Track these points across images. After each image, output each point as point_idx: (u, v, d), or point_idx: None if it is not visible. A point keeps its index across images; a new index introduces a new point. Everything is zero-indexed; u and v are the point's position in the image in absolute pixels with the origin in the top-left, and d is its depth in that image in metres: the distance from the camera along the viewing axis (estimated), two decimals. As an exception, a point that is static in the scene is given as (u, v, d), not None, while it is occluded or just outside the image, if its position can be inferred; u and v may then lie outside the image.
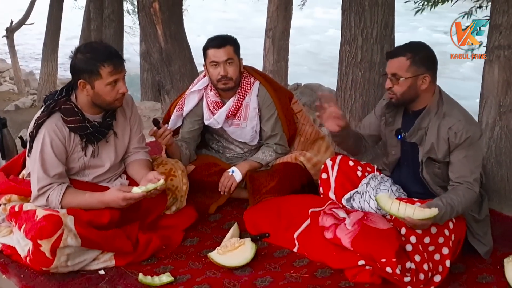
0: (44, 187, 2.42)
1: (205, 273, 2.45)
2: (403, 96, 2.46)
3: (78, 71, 2.43)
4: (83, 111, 2.49)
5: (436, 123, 2.45)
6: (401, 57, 2.43)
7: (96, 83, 2.42)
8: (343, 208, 2.64)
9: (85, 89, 2.44)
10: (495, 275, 2.47)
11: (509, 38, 3.13)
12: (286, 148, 3.17)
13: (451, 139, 2.41)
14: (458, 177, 2.42)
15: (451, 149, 2.43)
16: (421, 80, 2.43)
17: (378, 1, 3.64)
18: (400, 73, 2.42)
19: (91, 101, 2.48)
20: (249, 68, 3.15)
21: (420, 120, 2.48)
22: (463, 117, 2.43)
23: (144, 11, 4.88)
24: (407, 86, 2.43)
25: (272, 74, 7.53)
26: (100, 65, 2.39)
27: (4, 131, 3.69)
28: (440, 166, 2.49)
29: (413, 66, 2.41)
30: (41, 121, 2.44)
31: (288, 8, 7.90)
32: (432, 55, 2.48)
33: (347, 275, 2.41)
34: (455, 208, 2.34)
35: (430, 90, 2.48)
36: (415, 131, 2.51)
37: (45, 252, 2.31)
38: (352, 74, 3.75)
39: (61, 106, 2.46)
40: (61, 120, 2.46)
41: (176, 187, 2.79)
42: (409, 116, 2.56)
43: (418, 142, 2.51)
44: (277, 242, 2.72)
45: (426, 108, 2.48)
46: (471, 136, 2.38)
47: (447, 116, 2.43)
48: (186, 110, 3.09)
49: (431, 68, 2.45)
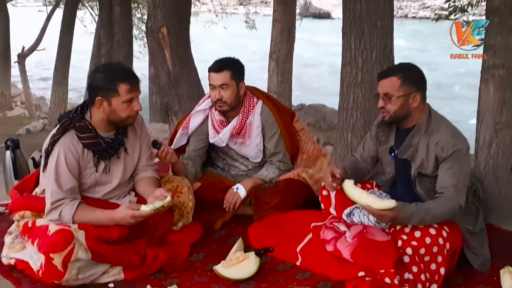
0: (57, 201, 2.54)
1: (211, 286, 2.53)
2: (396, 114, 2.57)
3: (97, 88, 2.57)
4: (97, 128, 2.62)
5: (426, 140, 2.56)
6: (392, 77, 2.56)
7: (113, 100, 2.55)
8: (344, 222, 2.73)
9: (102, 106, 2.57)
10: (492, 286, 2.54)
11: (503, 57, 3.24)
12: (289, 165, 3.28)
13: (438, 154, 2.52)
14: (440, 187, 2.53)
15: (439, 163, 2.53)
16: (412, 99, 2.55)
17: (377, 24, 3.73)
18: (392, 92, 2.54)
19: (106, 118, 2.60)
20: (253, 88, 3.27)
21: (410, 137, 2.60)
22: (450, 132, 2.54)
23: (153, 36, 5.05)
24: (399, 104, 2.55)
25: (276, 95, 7.70)
26: (119, 83, 2.54)
27: (17, 152, 3.83)
28: (431, 181, 2.59)
29: (404, 85, 2.53)
30: (57, 138, 2.57)
31: (291, 32, 8.12)
32: (422, 75, 2.61)
33: (348, 287, 2.48)
34: (430, 212, 2.44)
35: (421, 108, 2.59)
36: (406, 148, 2.61)
37: (57, 266, 2.40)
38: (353, 94, 3.83)
39: (76, 124, 2.59)
40: (76, 137, 2.59)
41: (183, 203, 2.90)
42: (401, 134, 2.67)
43: (410, 159, 2.62)
44: (280, 256, 2.80)
45: (416, 125, 2.59)
46: (457, 149, 2.49)
47: (435, 133, 2.55)
48: (191, 128, 3.21)
49: (421, 87, 2.58)
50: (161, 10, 4.94)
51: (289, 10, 8.41)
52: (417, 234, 2.46)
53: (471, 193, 2.81)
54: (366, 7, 3.70)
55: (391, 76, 2.57)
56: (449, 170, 2.51)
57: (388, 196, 2.80)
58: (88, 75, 2.66)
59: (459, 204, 2.50)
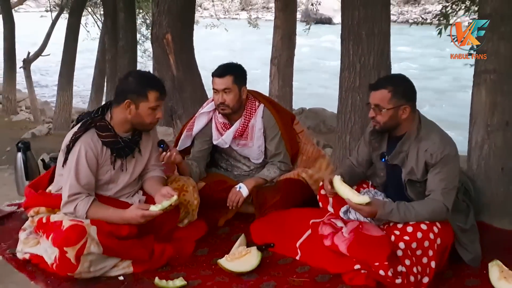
0: (74, 195, 2.69)
1: (215, 278, 2.68)
2: (386, 124, 2.72)
3: (127, 91, 2.74)
4: (115, 128, 2.78)
5: (416, 147, 2.70)
6: (383, 89, 2.69)
7: (141, 105, 2.73)
8: (341, 219, 2.88)
9: (130, 108, 2.74)
10: (481, 279, 2.67)
11: (494, 63, 3.37)
12: (289, 165, 3.43)
13: (428, 160, 2.66)
14: (429, 190, 2.68)
15: (429, 168, 2.68)
16: (402, 111, 2.69)
17: (374, 31, 3.86)
18: (383, 105, 2.68)
19: (129, 120, 2.78)
20: (255, 92, 3.43)
21: (401, 144, 2.74)
22: (439, 139, 2.68)
23: (158, 42, 5.20)
24: (389, 116, 2.69)
25: (277, 99, 7.87)
26: (149, 90, 2.73)
27: (28, 153, 3.98)
28: (421, 185, 2.73)
29: (394, 98, 2.67)
30: (78, 135, 2.73)
31: (292, 37, 8.30)
32: (412, 88, 2.74)
33: (344, 279, 2.63)
34: (412, 210, 2.61)
35: (411, 118, 2.73)
36: (396, 154, 2.76)
37: (71, 259, 2.55)
38: (351, 98, 3.97)
39: (97, 123, 2.76)
40: (96, 135, 2.75)
41: (188, 201, 3.05)
42: (393, 141, 2.81)
43: (400, 164, 2.76)
44: (281, 251, 2.95)
45: (406, 133, 2.74)
46: (445, 155, 2.63)
47: (424, 140, 2.69)
48: (195, 130, 3.36)
49: (411, 100, 2.71)
50: (166, 17, 5.08)
51: (289, 17, 8.60)
52: (409, 229, 2.61)
53: (461, 192, 2.94)
54: (364, 14, 3.84)
55: (382, 88, 2.70)
56: (438, 174, 2.65)
57: (382, 195, 2.95)
58: (119, 78, 2.82)
59: (445, 206, 2.63)
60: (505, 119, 3.41)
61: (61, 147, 2.83)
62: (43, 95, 16.54)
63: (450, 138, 2.77)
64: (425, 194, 2.71)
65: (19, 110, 12.17)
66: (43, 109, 12.78)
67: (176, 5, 5.10)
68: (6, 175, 4.45)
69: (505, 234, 3.23)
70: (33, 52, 11.96)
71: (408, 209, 2.63)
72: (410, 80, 2.79)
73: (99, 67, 10.55)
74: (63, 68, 10.22)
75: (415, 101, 2.76)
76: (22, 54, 12.02)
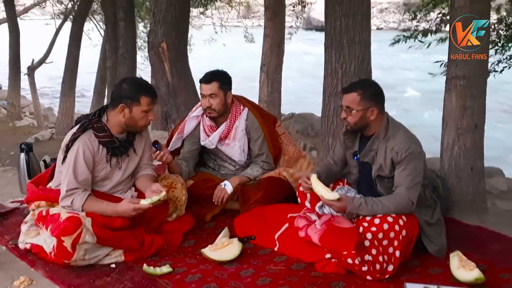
0: (71, 190, 2.94)
1: (199, 266, 2.92)
2: (356, 125, 2.98)
3: (122, 96, 3.00)
4: (111, 130, 3.04)
5: (384, 146, 2.95)
6: (353, 93, 2.95)
7: (134, 109, 2.99)
8: (316, 213, 3.13)
9: (123, 112, 2.99)
10: (443, 268, 2.90)
11: (464, 69, 3.61)
12: (272, 165, 3.68)
13: (394, 158, 2.91)
14: (395, 186, 2.92)
15: (395, 166, 2.92)
16: (370, 112, 2.94)
17: (355, 39, 4.10)
18: (353, 106, 2.94)
19: (124, 123, 3.03)
20: (240, 97, 3.69)
21: (370, 143, 2.99)
22: (404, 138, 2.92)
23: (154, 50, 5.45)
24: (359, 117, 2.94)
25: (266, 104, 8.16)
26: (142, 95, 2.99)
27: (31, 154, 4.26)
28: (389, 181, 2.98)
29: (363, 101, 2.92)
30: (77, 136, 2.99)
31: (281, 46, 8.59)
32: (380, 91, 3.00)
33: (317, 267, 2.88)
34: (379, 204, 2.85)
35: (379, 119, 2.98)
36: (366, 152, 3.02)
37: (67, 247, 2.80)
38: (333, 102, 4.21)
39: (94, 125, 3.02)
40: (93, 135, 3.00)
41: (177, 197, 3.31)
42: (364, 140, 3.06)
43: (371, 162, 3.02)
44: (261, 243, 3.19)
45: (375, 133, 2.99)
46: (409, 153, 2.87)
47: (391, 139, 2.94)
48: (186, 132, 3.63)
49: (379, 102, 2.97)
50: (161, 27, 5.34)
51: (278, 25, 8.91)
52: (377, 221, 2.84)
53: (429, 189, 3.18)
54: (345, 24, 4.08)
55: (352, 92, 2.96)
56: (403, 171, 2.90)
57: (354, 191, 3.19)
58: (114, 83, 3.08)
59: (410, 200, 2.87)
60: (474, 122, 3.65)
61: (61, 146, 3.09)
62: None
63: (415, 137, 3.01)
64: (392, 190, 2.96)
65: (23, 116, 12.40)
66: (46, 115, 13.06)
67: (171, 16, 5.35)
68: (10, 175, 4.72)
69: (472, 228, 3.47)
70: (37, 59, 12.23)
71: (376, 203, 2.87)
72: (378, 84, 3.05)
73: (100, 73, 10.80)
74: (66, 74, 10.47)
75: (383, 104, 3.01)
76: (27, 61, 12.30)
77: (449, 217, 3.54)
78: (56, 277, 2.82)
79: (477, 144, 3.69)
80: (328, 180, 3.24)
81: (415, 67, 22.87)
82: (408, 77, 22.57)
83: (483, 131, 3.72)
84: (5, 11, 11.85)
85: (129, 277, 2.84)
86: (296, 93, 18.14)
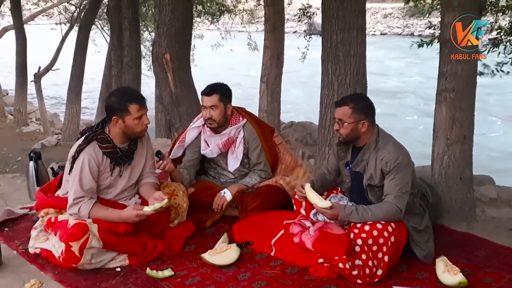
0: (78, 198, 3.12)
1: (199, 270, 3.10)
2: (348, 136, 3.15)
3: (112, 109, 3.17)
4: (114, 140, 3.21)
5: (374, 156, 3.12)
6: (345, 106, 3.12)
7: (126, 118, 3.15)
8: (310, 220, 3.30)
9: (118, 123, 3.17)
10: (430, 273, 3.06)
11: (453, 83, 3.78)
12: (269, 173, 3.85)
13: (383, 167, 3.08)
14: (385, 194, 3.09)
15: (385, 175, 3.09)
16: (361, 125, 3.11)
17: (350, 52, 4.24)
18: (344, 119, 3.11)
19: (122, 132, 3.20)
20: (239, 108, 3.86)
21: (362, 153, 3.16)
22: (393, 149, 3.09)
23: (157, 61, 5.64)
24: (350, 129, 3.12)
25: (266, 114, 8.39)
26: (129, 104, 3.15)
27: (39, 162, 4.42)
28: (379, 189, 3.14)
29: (354, 114, 3.09)
30: (82, 147, 3.17)
31: (280, 57, 8.83)
32: (370, 105, 3.18)
33: (310, 271, 3.05)
34: (369, 212, 3.01)
35: (369, 131, 3.15)
36: (358, 162, 3.18)
37: (75, 252, 2.98)
38: (330, 113, 4.34)
39: (98, 136, 3.19)
40: (97, 146, 3.18)
41: (178, 204, 3.48)
42: (356, 151, 3.23)
43: (362, 171, 3.18)
44: (258, 248, 3.36)
45: (366, 144, 3.16)
46: (398, 163, 3.04)
47: (381, 150, 3.11)
48: (187, 142, 3.81)
49: (369, 116, 3.14)
50: (165, 39, 5.52)
51: (278, 37, 9.17)
52: (367, 228, 3.01)
53: (418, 197, 3.34)
54: (341, 38, 4.23)
55: (344, 105, 3.13)
56: (392, 180, 3.06)
57: (347, 200, 3.36)
58: (105, 98, 3.25)
59: (398, 207, 3.03)
60: (463, 133, 3.82)
61: (68, 157, 3.27)
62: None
63: (404, 149, 3.17)
64: (382, 198, 3.12)
65: (29, 122, 12.63)
66: (52, 121, 13.28)
67: (174, 28, 5.53)
68: (19, 182, 4.89)
69: (459, 235, 3.63)
70: (42, 66, 12.46)
71: (366, 210, 3.04)
72: (369, 99, 3.23)
73: (105, 81, 11.01)
74: (72, 81, 10.68)
75: (374, 117, 3.18)
76: (32, 66, 12.51)
77: (438, 224, 3.70)
78: (64, 279, 3.00)
79: (466, 154, 3.86)
80: (323, 189, 3.42)
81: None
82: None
83: (472, 141, 3.89)
84: (12, 19, 12.08)
85: (133, 280, 3.01)
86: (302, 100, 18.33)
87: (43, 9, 15.02)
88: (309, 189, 3.17)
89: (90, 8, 10.82)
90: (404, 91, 21.23)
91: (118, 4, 8.65)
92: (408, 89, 21.58)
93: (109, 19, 9.51)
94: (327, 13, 4.29)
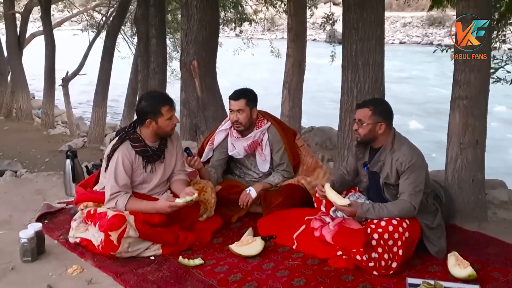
0: (114, 193, 3.40)
1: (226, 259, 3.35)
2: (365, 136, 3.38)
3: (145, 113, 3.43)
4: (145, 140, 3.49)
5: (390, 157, 3.34)
6: (365, 108, 3.36)
7: (159, 120, 3.42)
8: (330, 216, 3.54)
9: (151, 125, 3.43)
10: (442, 267, 3.26)
11: (466, 90, 3.98)
12: (291, 173, 4.11)
13: (398, 168, 3.30)
14: (400, 193, 3.31)
15: (400, 175, 3.31)
16: (379, 127, 3.34)
17: (369, 61, 4.49)
18: (364, 120, 3.35)
19: (154, 133, 3.47)
20: (264, 112, 4.13)
21: (379, 154, 3.39)
22: (408, 150, 3.31)
23: (185, 68, 5.92)
24: (368, 130, 3.35)
25: (288, 119, 8.65)
26: (162, 107, 3.41)
27: (75, 160, 4.71)
28: (395, 188, 3.36)
29: (373, 116, 3.33)
30: (116, 146, 3.45)
31: (302, 65, 9.11)
32: (389, 109, 3.41)
33: (330, 263, 3.28)
34: (385, 209, 3.22)
35: (386, 134, 3.37)
36: (375, 162, 3.41)
37: (113, 241, 3.25)
38: (349, 118, 4.57)
39: (130, 136, 3.47)
40: (130, 146, 3.46)
41: (207, 200, 3.75)
42: (373, 152, 3.46)
43: (379, 171, 3.41)
44: (281, 241, 3.60)
45: (383, 146, 3.39)
46: (412, 164, 3.25)
47: (396, 151, 3.33)
48: (215, 144, 4.08)
49: (387, 118, 3.36)
50: (193, 46, 5.80)
51: (300, 46, 9.48)
52: (383, 223, 3.22)
53: (431, 197, 3.55)
54: (360, 47, 4.48)
55: (365, 107, 3.37)
56: (407, 180, 3.28)
57: (364, 198, 3.60)
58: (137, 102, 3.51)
59: (412, 205, 3.24)
60: (475, 138, 4.02)
61: (104, 156, 3.55)
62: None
63: (419, 150, 3.39)
64: (397, 196, 3.35)
65: (56, 125, 13.00)
66: (77, 124, 13.67)
67: (202, 36, 5.83)
68: (54, 179, 5.19)
69: (470, 234, 3.82)
70: (71, 72, 12.86)
71: (382, 208, 3.27)
72: (388, 103, 3.46)
73: (131, 86, 11.36)
74: (99, 86, 11.05)
75: (391, 121, 3.41)
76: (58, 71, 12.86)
77: (451, 223, 3.91)
78: (103, 266, 3.27)
79: (478, 158, 4.06)
80: (342, 188, 3.65)
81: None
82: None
83: (484, 146, 4.09)
84: (42, 25, 12.48)
85: (166, 267, 3.27)
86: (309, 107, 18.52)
87: (70, 15, 15.46)
88: (329, 188, 3.40)
89: (117, 15, 11.19)
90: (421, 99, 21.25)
91: (145, 13, 8.98)
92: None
93: (137, 27, 9.85)
94: (348, 24, 4.53)
